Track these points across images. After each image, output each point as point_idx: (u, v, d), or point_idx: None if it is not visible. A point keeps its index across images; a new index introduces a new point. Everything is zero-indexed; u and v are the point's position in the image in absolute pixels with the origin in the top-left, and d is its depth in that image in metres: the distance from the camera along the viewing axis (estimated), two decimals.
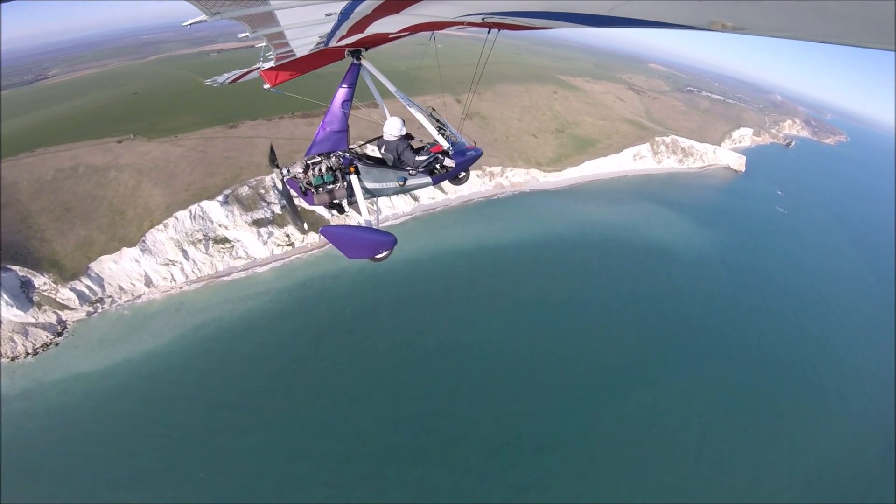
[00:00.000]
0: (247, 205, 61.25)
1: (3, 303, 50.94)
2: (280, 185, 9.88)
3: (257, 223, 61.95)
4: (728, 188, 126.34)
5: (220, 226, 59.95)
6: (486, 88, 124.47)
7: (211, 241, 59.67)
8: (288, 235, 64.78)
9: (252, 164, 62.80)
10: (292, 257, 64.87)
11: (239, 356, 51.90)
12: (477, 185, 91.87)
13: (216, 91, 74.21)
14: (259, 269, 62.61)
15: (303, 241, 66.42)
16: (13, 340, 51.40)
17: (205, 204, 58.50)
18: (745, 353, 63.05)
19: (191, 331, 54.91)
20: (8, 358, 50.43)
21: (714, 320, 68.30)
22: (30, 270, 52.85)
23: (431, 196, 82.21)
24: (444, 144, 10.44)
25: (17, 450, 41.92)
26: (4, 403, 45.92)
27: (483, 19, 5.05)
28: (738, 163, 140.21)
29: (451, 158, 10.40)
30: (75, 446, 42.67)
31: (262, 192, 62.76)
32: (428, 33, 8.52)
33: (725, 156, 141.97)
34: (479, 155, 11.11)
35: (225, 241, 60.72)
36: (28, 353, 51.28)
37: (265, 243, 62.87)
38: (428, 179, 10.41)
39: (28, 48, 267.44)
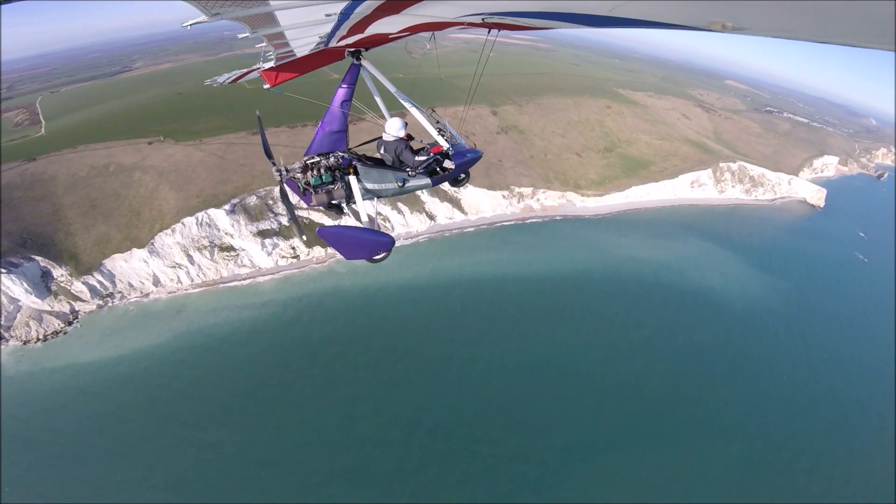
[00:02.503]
0: (253, 215, 61.15)
1: (23, 290, 54.35)
2: (276, 177, 9.54)
3: (262, 234, 61.69)
4: (800, 226, 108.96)
5: (225, 234, 60.41)
6: (528, 100, 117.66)
7: (216, 249, 60.20)
8: (293, 248, 64.01)
9: (265, 174, 62.67)
10: (295, 270, 63.98)
11: (223, 367, 52.00)
12: (502, 206, 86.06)
13: (250, 94, 75.53)
14: (261, 279, 62.44)
15: (308, 255, 65.34)
16: (28, 325, 54.78)
17: (212, 211, 59.13)
18: (780, 448, 51.94)
19: (186, 334, 55.90)
20: (21, 341, 53.78)
21: (750, 395, 57.62)
22: (50, 261, 56.10)
23: (449, 216, 78.19)
24: (444, 145, 10.31)
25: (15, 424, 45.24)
26: (5, 385, 48.69)
27: (483, 19, 5.07)
28: (817, 196, 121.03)
29: (450, 160, 10.29)
30: (55, 428, 45.18)
31: (271, 202, 62.50)
32: (428, 33, 8.42)
33: (802, 187, 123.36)
34: (478, 157, 10.88)
35: (230, 249, 61.04)
36: (39, 339, 54.42)
37: (269, 254, 62.48)
38: (427, 181, 10.31)
39: (126, 39, 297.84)
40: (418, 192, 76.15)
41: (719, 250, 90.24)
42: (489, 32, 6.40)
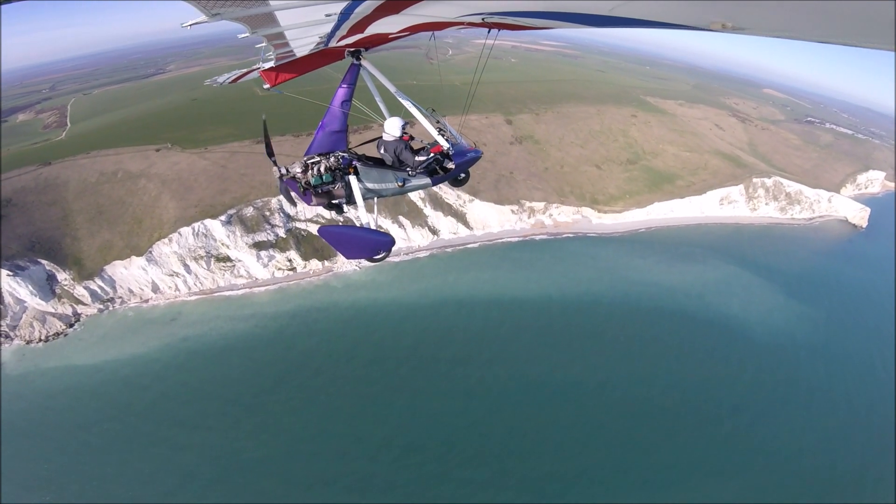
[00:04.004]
0: (250, 226, 60.92)
1: (29, 292, 56.02)
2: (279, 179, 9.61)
3: (258, 245, 61.41)
4: (839, 249, 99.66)
5: (222, 244, 60.55)
6: (546, 108, 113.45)
7: (213, 259, 60.35)
8: (290, 260, 63.50)
9: (264, 185, 62.44)
10: (291, 283, 63.36)
11: (205, 379, 52.26)
12: (511, 221, 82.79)
13: (259, 102, 75.87)
14: (256, 290, 62.24)
15: (304, 267, 64.57)
16: (32, 326, 56.49)
17: (208, 222, 59.29)
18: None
19: (177, 342, 56.72)
20: (24, 341, 55.45)
21: (758, 432, 52.63)
22: (56, 265, 57.71)
23: (454, 231, 75.85)
24: (444, 145, 10.31)
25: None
26: (4, 384, 50.23)
27: (483, 19, 5.11)
28: (860, 216, 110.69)
29: (450, 160, 10.33)
30: (44, 424, 47.28)
31: (268, 213, 62.13)
32: (428, 33, 8.49)
33: (843, 205, 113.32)
34: (478, 156, 10.94)
35: (227, 259, 61.08)
36: (41, 340, 55.99)
37: (265, 266, 62.02)
38: (427, 180, 10.41)
39: (166, 41, 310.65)
40: (422, 206, 74.21)
41: (745, 275, 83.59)
42: (489, 32, 6.41)
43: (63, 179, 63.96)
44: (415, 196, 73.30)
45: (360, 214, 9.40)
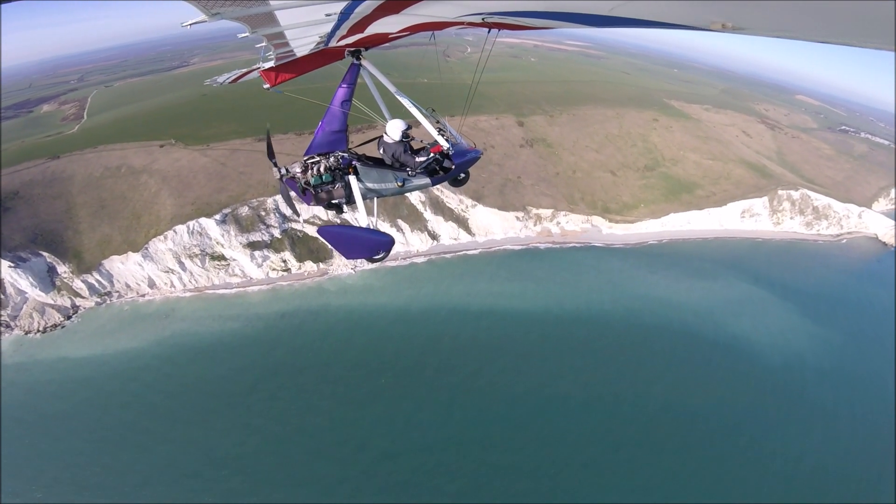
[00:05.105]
0: (244, 226, 60.59)
1: (29, 283, 57.13)
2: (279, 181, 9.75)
3: (252, 245, 61.09)
4: (867, 269, 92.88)
5: (217, 243, 60.34)
6: (562, 110, 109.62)
7: (208, 257, 60.37)
8: (284, 261, 63.00)
9: (261, 184, 62.00)
10: (285, 283, 62.83)
11: (189, 373, 52.67)
12: (515, 228, 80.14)
13: (268, 98, 75.56)
14: (250, 289, 61.99)
15: (299, 269, 63.90)
16: (32, 317, 57.67)
17: (203, 221, 59.23)
18: None
19: (167, 336, 57.73)
20: (23, 331, 56.63)
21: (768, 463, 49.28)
22: (57, 258, 58.65)
23: (454, 236, 73.92)
24: (444, 145, 10.24)
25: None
26: (4, 372, 51.45)
27: (483, 19, 5.13)
28: (891, 233, 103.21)
29: (450, 160, 10.31)
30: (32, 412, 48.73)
31: (263, 213, 61.64)
32: (428, 33, 8.59)
33: (874, 221, 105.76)
34: (478, 156, 10.88)
35: (221, 258, 61.02)
36: (39, 331, 57.08)
37: (259, 266, 61.61)
38: (427, 180, 10.40)
39: (193, 33, 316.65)
40: (422, 210, 72.51)
41: (764, 294, 78.77)
42: (489, 32, 6.41)
43: (69, 173, 65.03)
44: (415, 199, 71.71)
45: (359, 214, 9.39)
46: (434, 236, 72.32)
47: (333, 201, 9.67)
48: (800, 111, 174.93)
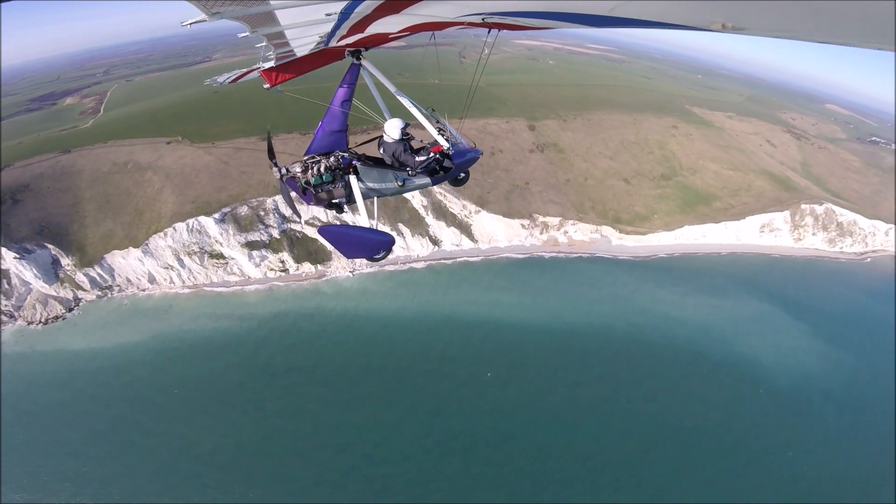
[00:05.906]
0: (243, 225, 60.60)
1: (34, 274, 58.34)
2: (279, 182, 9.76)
3: (250, 245, 61.08)
4: (888, 290, 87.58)
5: (215, 241, 60.51)
6: (576, 115, 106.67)
7: (206, 255, 60.65)
8: (282, 262, 62.80)
9: (262, 184, 61.95)
10: (282, 284, 62.68)
11: (179, 368, 53.16)
12: (520, 236, 78.16)
13: (275, 96, 75.68)
14: (247, 288, 62.13)
15: (297, 269, 63.62)
16: (35, 308, 58.85)
17: (202, 219, 59.48)
18: None
19: (163, 331, 58.69)
20: (26, 322, 57.86)
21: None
22: (61, 250, 59.71)
23: (456, 243, 72.55)
24: (444, 145, 10.22)
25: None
26: (4, 361, 52.65)
27: (483, 19, 5.15)
28: None
29: (450, 159, 10.29)
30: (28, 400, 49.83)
31: (262, 213, 61.56)
32: (428, 33, 8.55)
33: None
34: (478, 156, 10.88)
35: (220, 256, 61.24)
36: (41, 322, 58.21)
37: (257, 265, 61.58)
38: (427, 180, 10.40)
39: (218, 27, 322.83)
40: (424, 215, 71.37)
41: (779, 314, 75.03)
42: (489, 32, 6.42)
43: (79, 168, 66.25)
44: (417, 204, 70.65)
45: (359, 214, 9.39)
46: (435, 241, 71.13)
47: (334, 201, 9.67)
48: (829, 121, 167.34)
